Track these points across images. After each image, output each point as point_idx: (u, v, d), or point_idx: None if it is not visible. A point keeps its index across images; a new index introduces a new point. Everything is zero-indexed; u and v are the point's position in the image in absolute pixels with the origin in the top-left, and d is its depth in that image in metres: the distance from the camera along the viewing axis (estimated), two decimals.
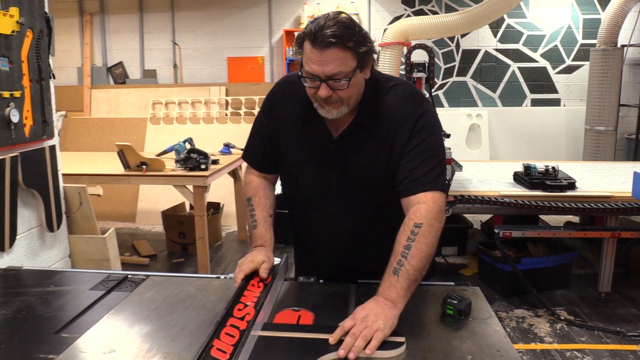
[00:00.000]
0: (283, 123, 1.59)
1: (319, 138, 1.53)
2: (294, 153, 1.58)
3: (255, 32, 6.26)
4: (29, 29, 1.99)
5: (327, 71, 1.33)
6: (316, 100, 1.42)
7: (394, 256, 1.34)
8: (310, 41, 1.33)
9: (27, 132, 2.00)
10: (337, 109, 1.41)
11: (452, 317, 1.36)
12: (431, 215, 1.37)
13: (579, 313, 3.34)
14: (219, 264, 4.41)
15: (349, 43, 1.32)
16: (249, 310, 1.30)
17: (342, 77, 1.34)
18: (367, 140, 1.49)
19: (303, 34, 1.37)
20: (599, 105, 5.54)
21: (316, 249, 1.70)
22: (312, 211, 1.63)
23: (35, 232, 2.16)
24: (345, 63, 1.33)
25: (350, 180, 1.53)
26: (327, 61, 1.32)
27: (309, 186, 1.59)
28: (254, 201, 1.65)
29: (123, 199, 5.73)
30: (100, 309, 1.48)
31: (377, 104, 1.49)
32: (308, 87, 1.40)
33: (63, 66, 6.44)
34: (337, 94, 1.38)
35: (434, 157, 1.46)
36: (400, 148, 1.46)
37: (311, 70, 1.35)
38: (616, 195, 3.30)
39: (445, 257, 4.32)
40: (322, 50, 1.31)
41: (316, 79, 1.36)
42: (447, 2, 6.05)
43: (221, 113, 6.03)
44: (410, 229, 1.35)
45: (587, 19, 6.05)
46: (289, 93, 1.59)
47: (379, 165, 1.49)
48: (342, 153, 1.52)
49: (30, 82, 2.00)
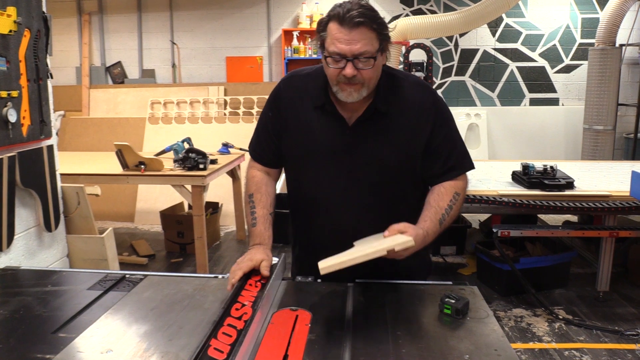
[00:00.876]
0: (291, 116, 1.60)
1: (333, 126, 1.55)
2: (304, 144, 1.59)
3: (254, 31, 6.26)
4: (27, 28, 1.98)
5: (355, 50, 1.38)
6: (338, 83, 1.45)
7: (439, 208, 1.53)
8: (339, 22, 1.38)
9: (25, 132, 2.00)
10: (358, 92, 1.45)
11: (450, 316, 1.36)
12: (464, 191, 1.62)
13: (577, 312, 3.35)
14: (217, 263, 4.41)
15: (374, 24, 1.38)
16: (246, 310, 1.30)
17: (369, 55, 1.39)
18: (385, 126, 1.53)
19: (328, 17, 1.42)
20: (597, 105, 5.55)
21: (320, 241, 1.66)
22: (320, 202, 1.62)
23: (33, 232, 2.16)
24: (371, 43, 1.39)
25: (365, 167, 1.55)
26: (355, 40, 1.37)
27: (320, 176, 1.59)
28: (255, 198, 1.65)
29: (122, 198, 5.73)
30: (97, 308, 1.48)
31: (392, 91, 1.54)
32: (332, 68, 1.43)
33: (61, 66, 6.44)
34: (361, 74, 1.41)
35: (459, 141, 1.62)
36: (425, 136, 1.54)
37: (338, 49, 1.39)
38: (614, 195, 3.30)
39: (444, 257, 4.32)
40: (350, 29, 1.37)
41: (342, 59, 1.40)
42: (446, 1, 6.05)
43: (220, 113, 6.02)
44: (453, 195, 1.56)
45: (585, 18, 6.05)
46: (296, 86, 1.62)
47: (398, 150, 1.54)
48: (358, 140, 1.54)
49: (28, 81, 2.00)
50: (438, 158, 1.57)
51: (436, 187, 1.59)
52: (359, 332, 1.29)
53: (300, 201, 1.70)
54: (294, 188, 1.70)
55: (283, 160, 1.67)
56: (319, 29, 1.46)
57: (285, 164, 1.68)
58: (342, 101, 1.52)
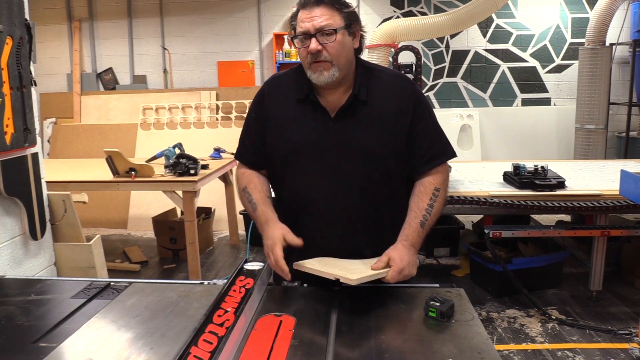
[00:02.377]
0: (276, 112, 1.63)
1: (316, 118, 1.58)
2: (289, 138, 1.60)
3: (245, 36, 6.25)
4: (9, 36, 1.97)
5: (316, 24, 1.47)
6: (310, 65, 1.51)
7: (419, 209, 1.58)
8: (302, 6, 1.51)
9: (8, 140, 1.98)
10: (327, 70, 1.50)
11: (435, 319, 1.35)
12: (445, 183, 1.64)
13: (570, 312, 3.34)
14: (210, 269, 4.39)
15: (335, 4, 1.50)
16: (228, 317, 1.29)
17: (330, 28, 1.48)
18: (367, 115, 1.57)
19: (296, 8, 1.54)
20: (588, 104, 5.57)
21: (309, 238, 1.63)
22: (307, 194, 1.62)
23: (18, 240, 2.14)
24: (332, 19, 1.49)
25: (350, 156, 1.57)
26: (315, 16, 1.48)
27: (306, 169, 1.60)
28: (249, 188, 1.67)
29: (114, 205, 5.70)
30: (80, 317, 1.47)
31: (371, 81, 1.60)
32: (300, 49, 1.52)
33: (52, 73, 6.41)
34: (326, 50, 1.48)
35: (440, 129, 1.66)
36: (407, 123, 1.58)
37: (302, 28, 1.49)
38: (605, 194, 3.31)
39: (437, 258, 4.32)
40: (311, 8, 1.49)
41: (307, 38, 1.49)
42: (436, 3, 6.06)
43: (212, 117, 6.01)
44: (432, 192, 1.60)
45: (575, 18, 6.07)
46: (280, 85, 1.67)
47: (381, 138, 1.57)
48: (342, 130, 1.57)
49: (11, 89, 1.98)
50: (420, 145, 1.60)
51: (416, 186, 1.63)
52: (342, 338, 1.28)
53: (287, 197, 1.69)
54: (280, 184, 1.69)
55: (268, 158, 1.67)
56: (291, 20, 1.58)
57: (270, 162, 1.68)
58: (324, 93, 1.58)
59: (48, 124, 6.27)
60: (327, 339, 1.27)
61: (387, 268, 1.47)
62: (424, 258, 4.37)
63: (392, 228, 1.64)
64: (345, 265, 1.51)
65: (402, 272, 1.46)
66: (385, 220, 1.64)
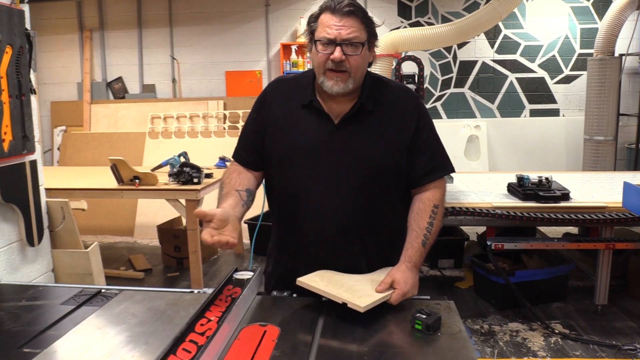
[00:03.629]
0: (278, 115, 1.63)
1: (319, 124, 1.58)
2: (290, 142, 1.60)
3: (253, 46, 6.30)
4: (9, 45, 2.00)
5: (344, 34, 1.46)
6: (325, 71, 1.51)
7: (420, 229, 1.58)
8: (330, 11, 1.48)
9: (6, 147, 2.01)
10: (344, 82, 1.50)
11: (421, 332, 1.34)
12: (443, 199, 1.64)
13: (574, 326, 3.28)
14: (213, 277, 4.39)
15: (363, 17, 1.50)
16: (211, 326, 1.28)
17: (357, 41, 1.47)
18: (370, 124, 1.57)
19: (320, 9, 1.52)
20: (597, 115, 5.51)
21: (304, 244, 1.64)
22: (306, 200, 1.61)
23: (15, 246, 2.15)
24: (360, 31, 1.48)
25: (351, 164, 1.56)
26: (345, 26, 1.46)
27: (306, 174, 1.59)
28: (224, 182, 1.65)
29: (121, 212, 5.74)
30: (67, 323, 1.47)
31: (377, 91, 1.60)
32: (321, 53, 1.50)
33: (63, 82, 6.51)
34: (348, 61, 1.48)
35: (440, 143, 1.67)
36: (407, 137, 1.58)
37: (328, 34, 1.47)
38: (610, 206, 3.26)
39: (441, 270, 4.28)
40: (341, 17, 1.47)
41: (331, 44, 1.47)
42: (444, 14, 6.06)
43: (219, 127, 6.05)
44: (432, 209, 1.60)
45: (584, 28, 6.03)
46: (283, 88, 1.67)
47: (384, 148, 1.57)
48: (344, 137, 1.57)
49: (10, 97, 2.01)
50: (421, 157, 1.61)
51: (415, 203, 1.63)
52: (326, 349, 1.27)
53: (284, 201, 1.68)
54: (278, 189, 1.68)
55: (267, 160, 1.66)
56: (310, 21, 1.55)
57: (269, 164, 1.67)
58: (329, 100, 1.57)
59: (58, 132, 6.35)
60: (310, 350, 1.25)
61: (390, 290, 1.47)
62: (428, 269, 4.33)
63: (389, 238, 1.64)
64: (349, 284, 1.49)
65: (406, 295, 1.47)
66: (382, 230, 1.63)
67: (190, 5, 6.29)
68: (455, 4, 6.07)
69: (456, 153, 5.97)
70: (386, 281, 1.47)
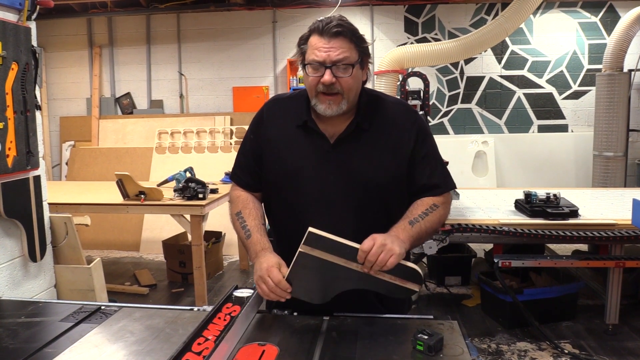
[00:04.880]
0: (274, 135, 1.61)
1: (315, 144, 1.56)
2: (286, 162, 1.59)
3: (260, 62, 6.34)
4: (14, 61, 2.02)
5: (333, 56, 1.43)
6: (317, 94, 1.49)
7: (411, 214, 1.52)
8: (318, 33, 1.45)
9: (10, 163, 2.01)
10: (337, 104, 1.48)
11: (422, 353, 1.30)
12: (446, 206, 1.60)
13: (584, 346, 3.21)
14: (218, 293, 4.36)
15: (353, 37, 1.46)
16: (208, 345, 1.26)
17: (347, 62, 1.44)
18: (367, 143, 1.55)
19: (309, 31, 1.49)
20: (606, 131, 5.46)
21: None
22: (303, 221, 1.55)
23: (17, 262, 2.15)
24: (350, 52, 1.45)
25: (348, 183, 1.54)
26: (333, 48, 1.44)
27: (303, 194, 1.57)
28: (244, 213, 1.64)
29: (127, 227, 5.75)
30: (65, 341, 1.45)
31: (374, 109, 1.58)
32: (311, 76, 1.47)
33: (73, 97, 6.59)
34: (339, 83, 1.46)
35: (441, 160, 1.65)
36: (406, 154, 1.56)
37: (317, 57, 1.44)
38: (620, 223, 3.21)
39: (448, 287, 4.22)
40: (329, 38, 1.44)
41: (321, 67, 1.44)
42: (451, 30, 6.07)
43: (226, 142, 6.07)
44: (430, 205, 1.55)
45: (592, 44, 6.01)
46: (279, 108, 1.65)
47: (381, 167, 1.55)
48: (341, 156, 1.55)
49: (15, 113, 2.02)
50: (422, 174, 1.58)
51: (414, 202, 1.60)
52: None
53: (282, 222, 1.67)
54: (275, 209, 1.67)
55: (264, 181, 1.65)
56: (300, 43, 1.52)
57: (266, 185, 1.66)
58: (324, 119, 1.55)
59: (67, 147, 6.40)
60: None
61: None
62: (435, 287, 4.28)
63: None
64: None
65: (377, 241, 1.35)
66: None
67: (199, 22, 6.36)
68: (462, 20, 6.09)
69: (463, 169, 5.94)
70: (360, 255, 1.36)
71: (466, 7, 6.08)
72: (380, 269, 1.36)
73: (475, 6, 6.07)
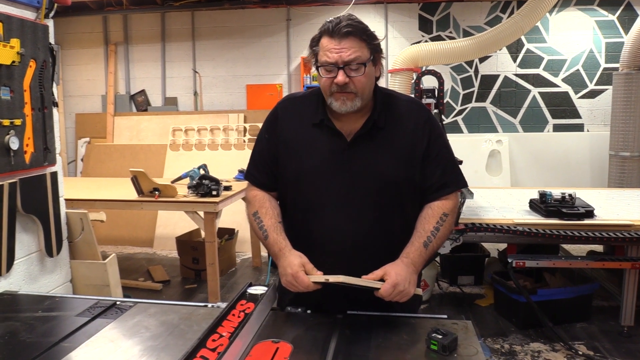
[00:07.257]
0: (289, 134, 1.62)
1: (332, 142, 1.57)
2: (303, 161, 1.59)
3: (274, 60, 6.35)
4: (32, 59, 2.04)
5: (345, 57, 1.44)
6: (332, 93, 1.50)
7: (425, 231, 1.55)
8: (329, 34, 1.46)
9: (28, 159, 2.04)
10: (351, 101, 1.49)
11: (436, 352, 1.30)
12: (454, 210, 1.62)
13: (599, 348, 3.18)
14: (231, 290, 4.38)
15: (363, 35, 1.47)
16: (222, 341, 1.27)
17: (359, 62, 1.46)
18: (382, 141, 1.56)
19: (319, 33, 1.50)
20: (623, 130, 5.39)
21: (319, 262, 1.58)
22: (320, 219, 1.59)
23: (34, 257, 2.18)
24: (361, 51, 1.46)
25: (366, 181, 1.55)
26: (345, 48, 1.45)
27: (321, 193, 1.58)
28: (260, 213, 1.65)
29: (142, 224, 5.80)
30: (81, 336, 1.47)
31: (389, 107, 1.60)
32: (324, 78, 1.49)
33: (88, 94, 6.65)
34: (353, 82, 1.47)
35: (453, 158, 1.67)
36: (419, 152, 1.57)
37: (329, 59, 1.46)
38: (636, 224, 3.17)
39: (461, 287, 4.20)
40: (340, 39, 1.45)
41: (333, 68, 1.46)
42: (465, 28, 6.03)
43: (239, 140, 6.09)
44: (440, 216, 1.58)
45: (609, 42, 5.93)
46: (294, 107, 1.66)
47: (397, 165, 1.56)
48: (358, 154, 1.56)
49: (32, 110, 2.05)
50: (434, 172, 1.60)
51: (424, 209, 1.62)
52: None
53: (298, 220, 1.66)
54: (292, 207, 1.67)
55: (280, 180, 1.66)
56: (311, 45, 1.53)
57: (282, 184, 1.66)
58: (340, 117, 1.56)
59: (82, 144, 6.47)
60: None
61: (380, 282, 1.43)
62: (447, 286, 4.26)
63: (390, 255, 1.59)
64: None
65: (397, 288, 1.41)
66: (397, 245, 1.60)
67: (213, 19, 6.38)
68: (477, 18, 6.04)
69: (477, 168, 5.90)
70: (377, 273, 1.45)
71: (481, 5, 6.03)
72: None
73: (491, 4, 6.02)
